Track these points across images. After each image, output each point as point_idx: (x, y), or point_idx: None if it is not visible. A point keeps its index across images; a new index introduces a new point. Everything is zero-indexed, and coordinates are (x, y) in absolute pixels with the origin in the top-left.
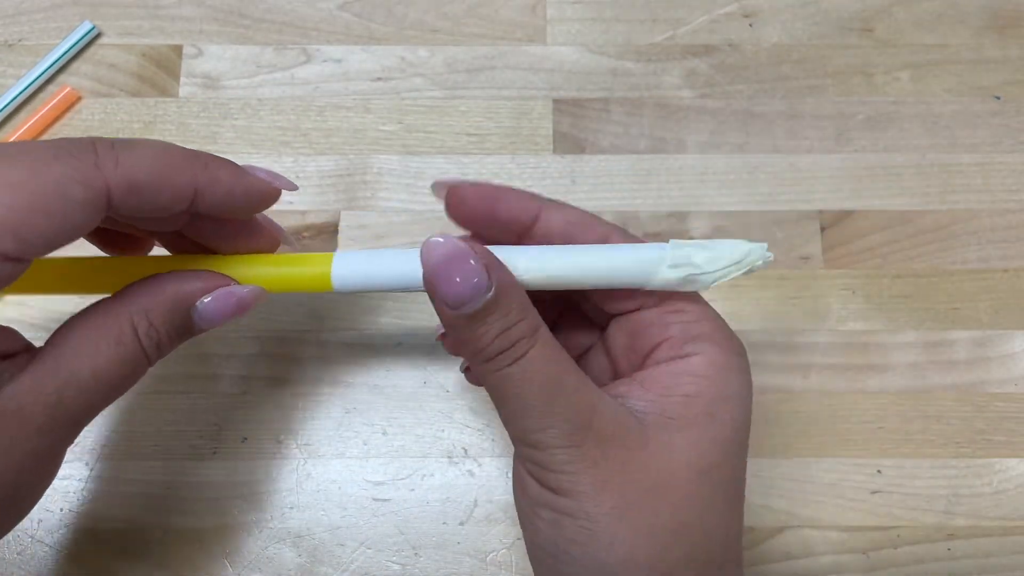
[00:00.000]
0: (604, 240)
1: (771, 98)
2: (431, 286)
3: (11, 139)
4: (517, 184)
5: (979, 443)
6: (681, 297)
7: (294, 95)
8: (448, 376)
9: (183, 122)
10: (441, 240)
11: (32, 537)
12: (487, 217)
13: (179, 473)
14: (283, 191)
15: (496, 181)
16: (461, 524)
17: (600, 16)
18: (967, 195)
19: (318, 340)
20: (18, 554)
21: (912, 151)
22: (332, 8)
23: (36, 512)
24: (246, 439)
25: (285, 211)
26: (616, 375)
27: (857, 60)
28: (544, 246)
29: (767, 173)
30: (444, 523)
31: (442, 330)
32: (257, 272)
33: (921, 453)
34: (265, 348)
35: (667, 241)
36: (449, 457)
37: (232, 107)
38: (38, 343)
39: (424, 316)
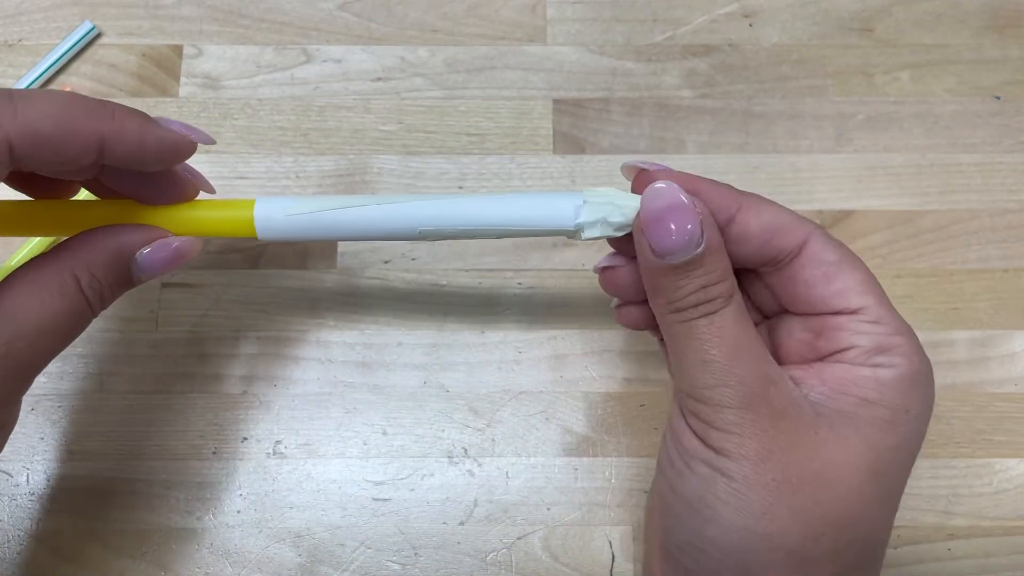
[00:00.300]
0: (803, 243)
1: (771, 98)
2: (644, 230)
3: None
4: (517, 184)
5: (979, 443)
6: (877, 306)
7: (294, 95)
8: (448, 376)
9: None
10: (664, 187)
11: (32, 537)
12: None
13: (179, 473)
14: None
15: (499, 178)
16: (461, 524)
17: (600, 16)
18: (967, 195)
19: (318, 340)
20: (18, 554)
21: (912, 151)
22: (332, 8)
23: (36, 512)
24: (246, 439)
25: None
26: (780, 363)
27: (857, 60)
28: (459, 197)
29: (767, 173)
30: (444, 523)
31: (604, 264)
32: (179, 217)
33: (921, 453)
34: (265, 348)
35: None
36: (449, 457)
37: (232, 107)
38: None
39: (424, 316)
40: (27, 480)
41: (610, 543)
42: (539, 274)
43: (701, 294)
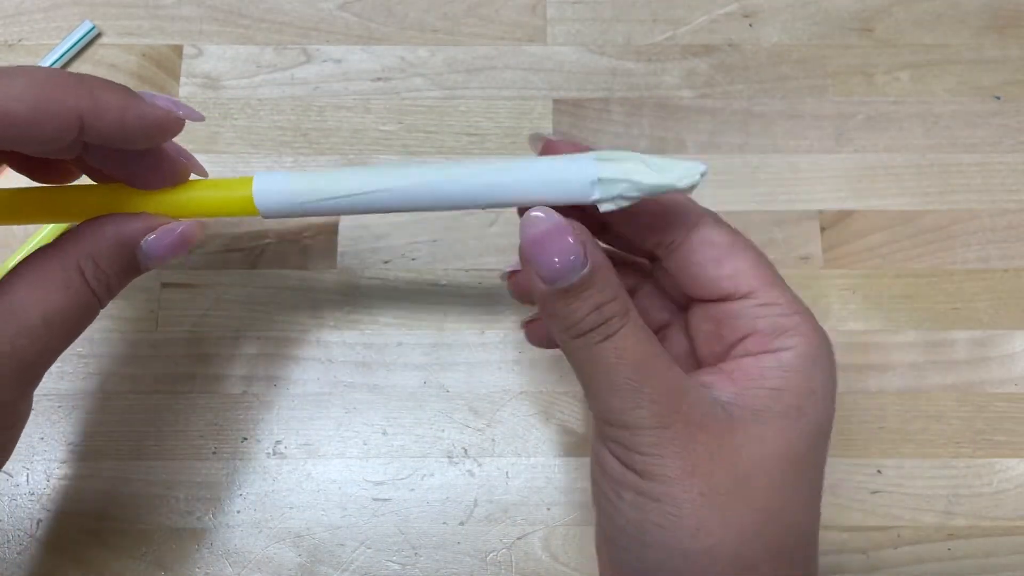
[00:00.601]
0: (695, 225)
1: (771, 98)
2: (528, 260)
3: None
4: None
5: (979, 443)
6: (769, 288)
7: (294, 95)
8: (448, 376)
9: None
10: (541, 215)
11: (32, 537)
12: None
13: (179, 473)
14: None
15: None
16: (461, 524)
17: (600, 16)
18: (967, 195)
19: (318, 340)
20: (18, 554)
21: (912, 151)
22: (332, 8)
23: (36, 512)
24: (246, 439)
25: None
26: (697, 358)
27: (857, 60)
28: (465, 164)
29: (767, 173)
30: (444, 523)
31: (509, 269)
32: (176, 200)
33: (921, 453)
34: (265, 348)
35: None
36: (449, 457)
37: (232, 107)
38: None
39: (424, 316)
40: (27, 480)
41: None
42: None
43: (596, 316)
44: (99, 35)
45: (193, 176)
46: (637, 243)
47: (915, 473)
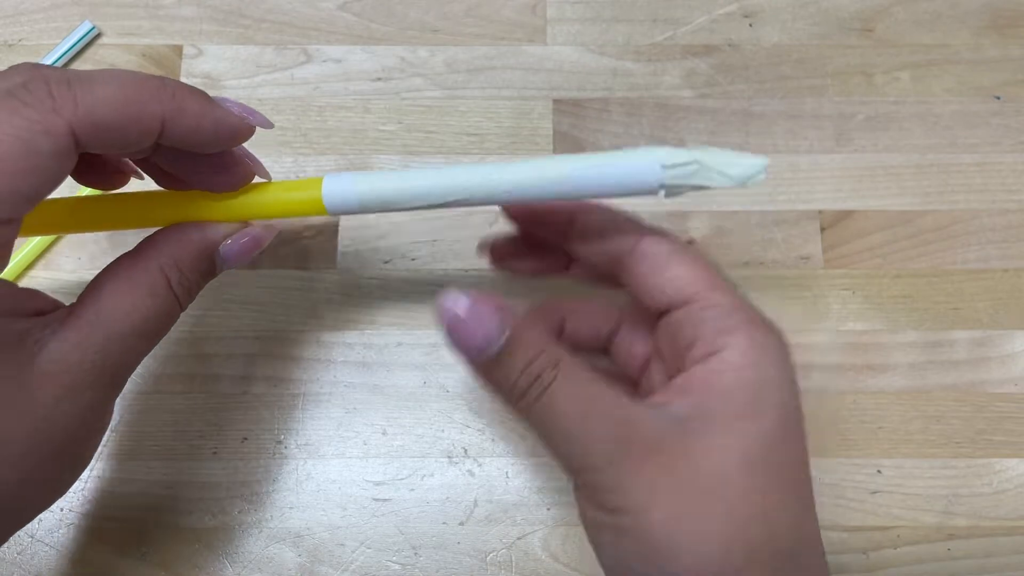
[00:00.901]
0: (638, 239)
1: (771, 98)
2: (452, 342)
3: None
4: None
5: (979, 443)
6: (710, 291)
7: (294, 95)
8: (448, 376)
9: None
10: (451, 301)
11: (32, 537)
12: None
13: (179, 473)
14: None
15: None
16: (461, 524)
17: (600, 16)
18: (967, 195)
19: (318, 340)
20: (18, 554)
21: (912, 151)
22: (332, 8)
23: None
24: (246, 439)
25: None
26: (664, 367)
27: (857, 60)
28: (528, 162)
29: (767, 173)
30: (444, 523)
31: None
32: (248, 204)
33: (921, 453)
34: (265, 348)
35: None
36: (449, 457)
37: None
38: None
39: (424, 316)
40: None
41: None
42: None
43: (527, 375)
44: (99, 35)
45: (257, 178)
46: (598, 264)
47: (915, 473)
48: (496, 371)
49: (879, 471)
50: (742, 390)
